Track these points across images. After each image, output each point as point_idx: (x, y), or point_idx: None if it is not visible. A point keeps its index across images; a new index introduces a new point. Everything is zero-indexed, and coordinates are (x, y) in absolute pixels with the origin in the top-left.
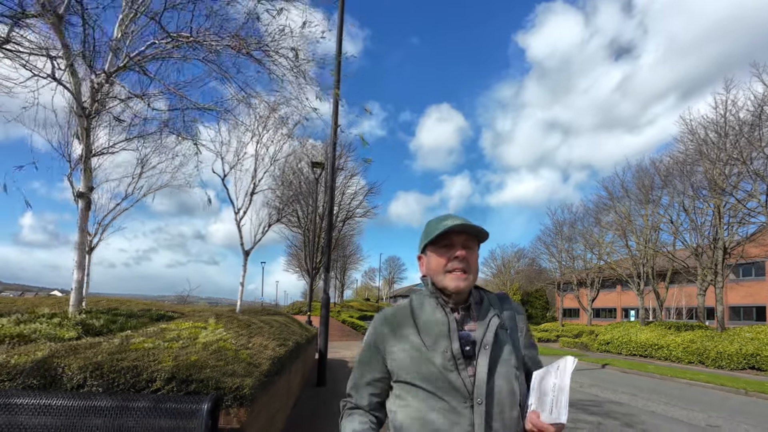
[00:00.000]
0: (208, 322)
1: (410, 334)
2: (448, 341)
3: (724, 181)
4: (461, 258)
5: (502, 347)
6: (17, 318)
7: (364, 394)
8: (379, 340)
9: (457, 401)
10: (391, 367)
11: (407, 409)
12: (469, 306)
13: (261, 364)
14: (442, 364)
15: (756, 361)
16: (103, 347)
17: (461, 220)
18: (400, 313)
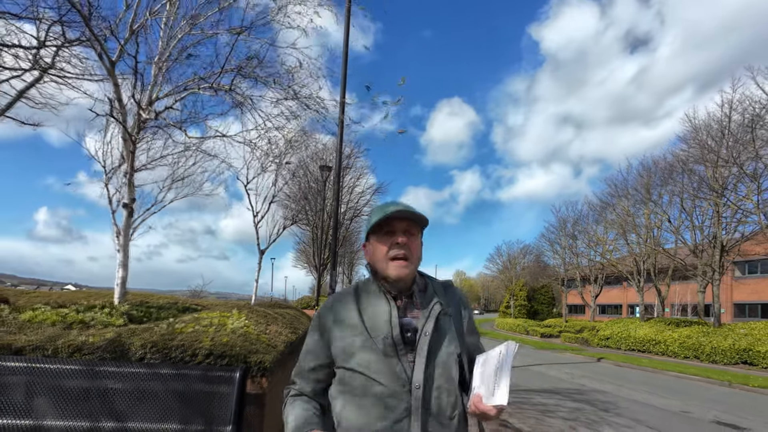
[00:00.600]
0: (232, 313)
1: (353, 320)
2: (389, 328)
3: (719, 183)
4: (402, 244)
5: (443, 334)
6: (76, 308)
7: (309, 379)
8: (323, 327)
9: (396, 386)
10: (334, 353)
11: (347, 394)
12: (412, 293)
13: (277, 345)
14: (383, 350)
15: (748, 356)
16: (155, 330)
17: (402, 207)
18: (344, 300)
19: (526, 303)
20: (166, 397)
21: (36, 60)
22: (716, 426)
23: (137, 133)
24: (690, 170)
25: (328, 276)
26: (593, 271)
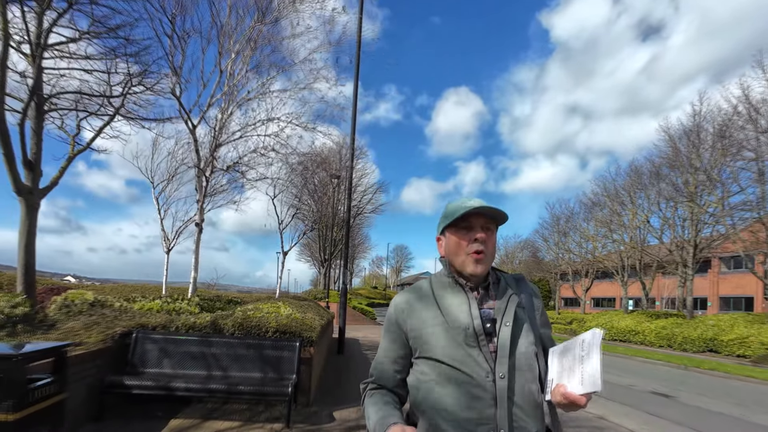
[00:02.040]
0: (278, 304)
1: (432, 312)
2: (469, 319)
3: (692, 188)
4: (481, 240)
5: (521, 325)
6: (166, 300)
7: (388, 372)
8: (401, 319)
9: (480, 376)
10: (414, 344)
11: (430, 384)
12: (488, 286)
13: (315, 327)
14: (465, 341)
15: (714, 344)
16: (237, 315)
17: (481, 203)
18: (420, 293)
19: None
20: (251, 357)
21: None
22: (649, 394)
23: (209, 174)
24: (664, 177)
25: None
26: (584, 266)
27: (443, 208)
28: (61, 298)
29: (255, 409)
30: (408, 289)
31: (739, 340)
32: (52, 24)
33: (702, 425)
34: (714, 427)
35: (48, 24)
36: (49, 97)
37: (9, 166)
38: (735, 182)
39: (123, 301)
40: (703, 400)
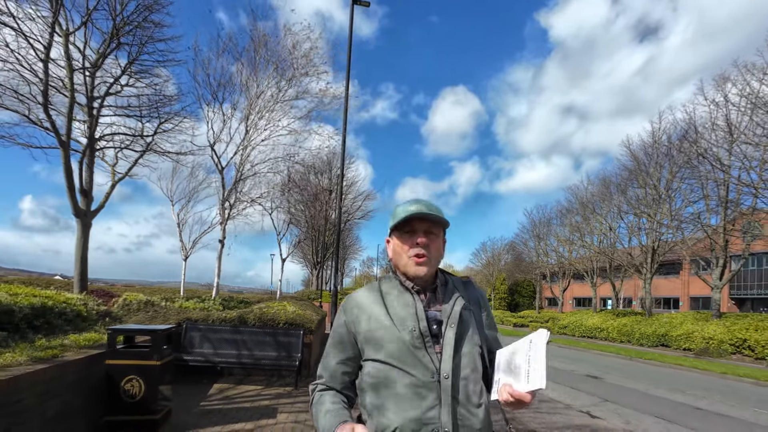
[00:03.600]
0: (284, 304)
1: (380, 314)
2: (415, 321)
3: (645, 201)
4: (422, 245)
5: (466, 326)
6: (196, 300)
7: (336, 374)
8: (349, 322)
9: (425, 376)
10: (362, 346)
11: (377, 386)
12: (435, 288)
13: (313, 320)
14: (411, 342)
15: (665, 339)
16: (255, 311)
17: (424, 207)
18: (370, 295)
19: (506, 296)
20: (268, 341)
21: (149, 144)
22: (583, 376)
23: (231, 205)
24: (623, 191)
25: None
26: (561, 268)
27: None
28: (121, 298)
29: (271, 378)
30: (358, 291)
31: (685, 336)
32: (110, 87)
33: (609, 395)
34: (617, 396)
35: (106, 87)
36: (99, 138)
37: (70, 195)
38: (683, 197)
39: (164, 301)
40: (626, 380)
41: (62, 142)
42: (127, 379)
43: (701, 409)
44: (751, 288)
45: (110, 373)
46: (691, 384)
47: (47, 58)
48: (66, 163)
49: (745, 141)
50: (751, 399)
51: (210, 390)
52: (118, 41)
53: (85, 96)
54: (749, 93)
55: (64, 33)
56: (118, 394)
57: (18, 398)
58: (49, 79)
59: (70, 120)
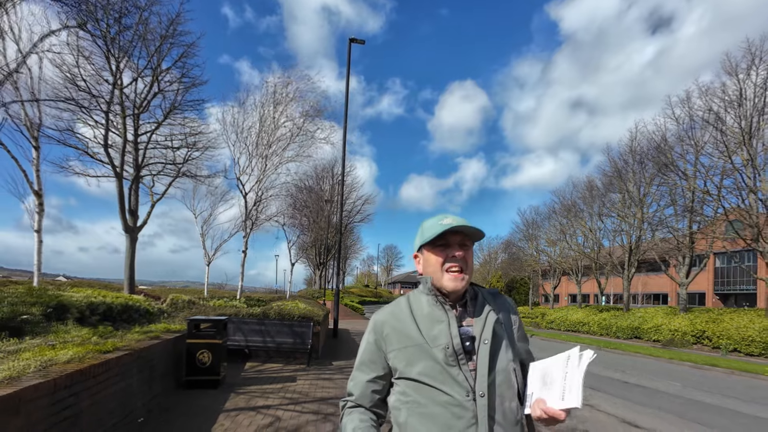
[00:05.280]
0: (296, 302)
1: (411, 331)
2: (448, 337)
3: (623, 205)
4: (459, 258)
5: (499, 342)
6: (225, 300)
7: (366, 392)
8: (380, 339)
9: (460, 395)
10: (393, 364)
11: (411, 404)
12: (466, 303)
13: (320, 315)
14: (444, 360)
15: (638, 332)
16: (274, 307)
17: (458, 221)
18: (399, 311)
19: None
20: (285, 331)
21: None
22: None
23: (253, 222)
24: (601, 196)
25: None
26: (552, 267)
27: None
28: (169, 298)
29: (288, 359)
30: (386, 307)
31: (654, 328)
32: (154, 130)
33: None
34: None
35: (151, 129)
36: (144, 166)
37: (122, 215)
38: (654, 202)
39: (201, 300)
40: (591, 366)
41: (117, 173)
42: (200, 352)
43: (627, 383)
44: (734, 284)
45: (189, 348)
46: (636, 366)
47: (108, 110)
48: (120, 190)
49: (706, 153)
50: (675, 377)
51: (245, 366)
52: (159, 88)
53: (133, 135)
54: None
55: (119, 87)
56: (194, 362)
57: (150, 360)
58: (109, 125)
59: (123, 155)
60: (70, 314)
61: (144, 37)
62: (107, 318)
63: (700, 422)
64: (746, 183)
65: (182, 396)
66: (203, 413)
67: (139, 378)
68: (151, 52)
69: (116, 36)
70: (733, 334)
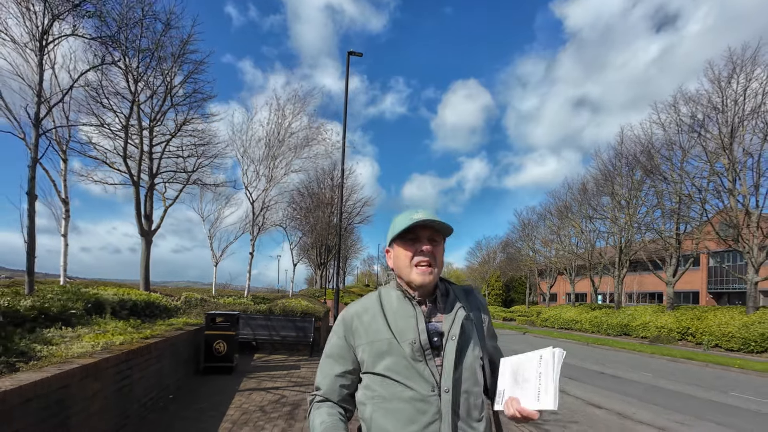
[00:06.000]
0: (300, 300)
1: (379, 326)
2: (416, 333)
3: (613, 206)
4: (427, 252)
5: (468, 338)
6: (233, 298)
7: (334, 386)
8: (348, 334)
9: (425, 390)
10: (361, 358)
11: (376, 399)
12: (436, 299)
13: (321, 311)
14: (411, 355)
15: (627, 329)
16: (279, 305)
17: (428, 215)
18: (369, 305)
19: (501, 292)
20: (289, 325)
21: (189, 177)
22: None
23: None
24: (591, 197)
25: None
26: (548, 266)
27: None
28: (183, 296)
29: (292, 351)
30: (356, 302)
31: (642, 325)
32: (168, 142)
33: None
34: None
35: (165, 140)
36: (157, 174)
37: (138, 220)
38: (644, 205)
39: (212, 298)
40: (573, 360)
41: (134, 181)
42: (216, 342)
43: (603, 373)
44: (727, 282)
45: (207, 339)
46: (617, 360)
47: (127, 124)
48: (137, 197)
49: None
50: (650, 368)
51: (253, 357)
52: (171, 103)
53: (149, 146)
54: (692, 116)
55: (137, 104)
56: (211, 351)
57: (176, 347)
58: (128, 138)
59: (140, 165)
60: (105, 309)
61: (159, 57)
62: (134, 313)
63: (655, 403)
64: (727, 186)
65: (202, 379)
66: (222, 392)
67: (170, 361)
68: (165, 71)
69: (135, 57)
70: (714, 330)
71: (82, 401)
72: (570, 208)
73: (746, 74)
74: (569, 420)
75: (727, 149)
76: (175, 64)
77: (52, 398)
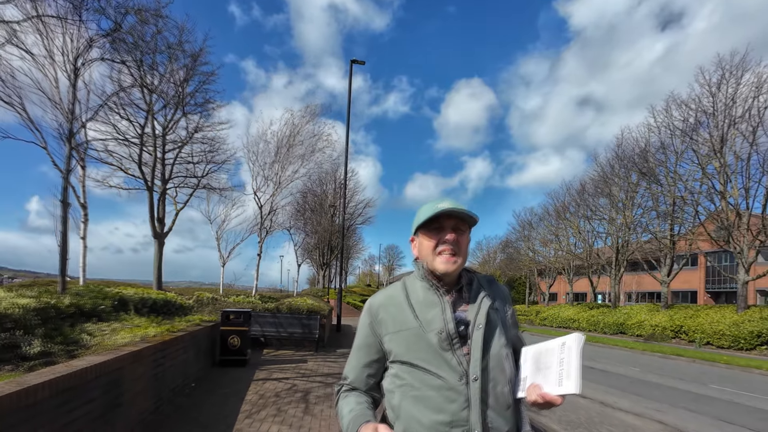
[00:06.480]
0: (305, 298)
1: (406, 316)
2: (443, 322)
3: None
4: (451, 241)
5: (493, 327)
6: (243, 297)
7: (361, 375)
8: (375, 323)
9: (453, 379)
10: (388, 347)
11: (405, 387)
12: (461, 288)
13: (326, 309)
14: (438, 344)
15: (622, 327)
16: (286, 303)
17: (453, 204)
18: (395, 295)
19: None
20: (296, 322)
21: (199, 182)
22: None
23: (266, 232)
24: (588, 199)
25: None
26: (548, 266)
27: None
28: (195, 295)
29: (298, 346)
30: (381, 291)
31: (637, 324)
32: (180, 149)
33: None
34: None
35: (177, 149)
36: (169, 179)
37: (152, 223)
38: (639, 207)
39: (224, 297)
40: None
41: (148, 186)
42: (231, 337)
43: (593, 368)
44: (725, 282)
45: (222, 334)
46: (609, 356)
47: (143, 132)
48: (150, 201)
49: (686, 159)
50: (638, 364)
51: (263, 352)
52: (183, 112)
53: (161, 153)
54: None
55: (151, 114)
56: (226, 345)
57: (197, 340)
58: (143, 146)
59: (154, 171)
60: (129, 306)
61: (172, 71)
62: (153, 310)
63: (637, 394)
64: (718, 189)
65: (219, 370)
66: (238, 382)
67: (193, 353)
68: (178, 84)
69: (150, 70)
70: (706, 328)
71: (130, 382)
72: (567, 208)
73: (736, 79)
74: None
75: (718, 153)
76: (187, 76)
77: (112, 377)
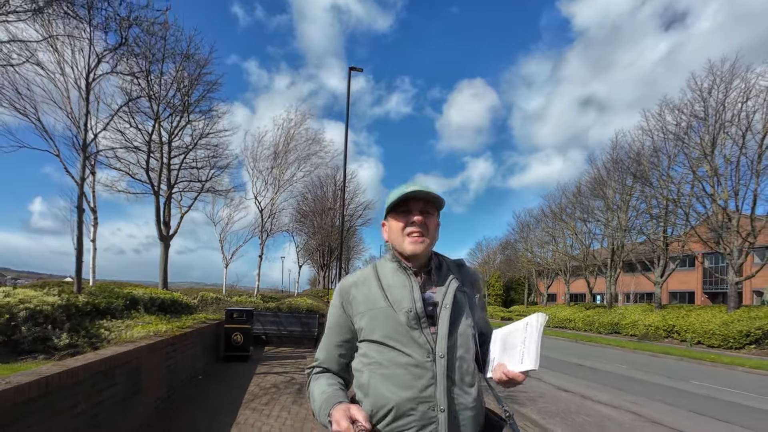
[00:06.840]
0: (305, 298)
1: (376, 295)
2: (411, 302)
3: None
4: (418, 222)
5: (460, 308)
6: (246, 297)
7: (333, 355)
8: (346, 303)
9: (421, 356)
10: (359, 326)
11: (373, 365)
12: (430, 270)
13: (324, 308)
14: (407, 323)
15: (617, 327)
16: (286, 302)
17: (419, 187)
18: (365, 276)
19: (501, 293)
20: (296, 321)
21: (203, 186)
22: None
23: (270, 231)
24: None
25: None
26: (546, 266)
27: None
28: (200, 295)
29: (298, 344)
30: (353, 273)
31: (631, 324)
32: (185, 155)
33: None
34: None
35: (182, 155)
36: (175, 184)
37: (157, 226)
38: (634, 209)
39: (226, 297)
40: (557, 354)
41: (155, 191)
42: (234, 334)
43: (582, 366)
44: (722, 283)
45: (226, 331)
46: (600, 355)
47: (150, 139)
48: (156, 205)
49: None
50: (627, 361)
51: (264, 349)
52: (188, 120)
53: (167, 158)
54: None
55: (158, 121)
56: (230, 341)
57: (203, 337)
58: (150, 152)
59: (160, 176)
60: (139, 305)
61: (178, 80)
62: (161, 309)
63: (619, 389)
64: (708, 192)
65: (223, 365)
66: (241, 375)
67: (199, 348)
68: (183, 93)
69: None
70: (697, 328)
71: (147, 371)
72: (564, 210)
73: (726, 85)
74: (537, 397)
75: (709, 156)
76: (192, 86)
77: (132, 366)
